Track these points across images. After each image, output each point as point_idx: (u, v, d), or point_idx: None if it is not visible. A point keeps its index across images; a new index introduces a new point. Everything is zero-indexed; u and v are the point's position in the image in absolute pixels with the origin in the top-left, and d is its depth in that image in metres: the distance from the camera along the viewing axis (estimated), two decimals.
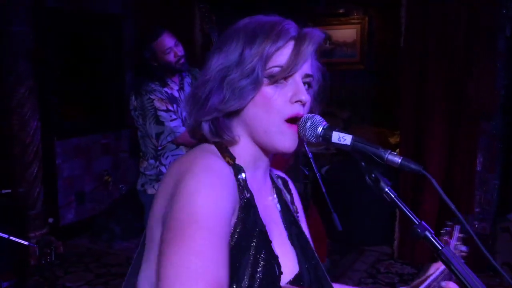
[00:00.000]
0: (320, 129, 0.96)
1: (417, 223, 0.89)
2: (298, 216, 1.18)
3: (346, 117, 5.86)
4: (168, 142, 2.86)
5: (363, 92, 5.97)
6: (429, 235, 0.88)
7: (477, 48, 3.69)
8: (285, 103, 0.97)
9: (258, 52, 0.95)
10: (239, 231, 0.92)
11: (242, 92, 0.95)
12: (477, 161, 3.84)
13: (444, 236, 1.34)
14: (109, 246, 4.62)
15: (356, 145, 0.92)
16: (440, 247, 0.88)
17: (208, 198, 0.84)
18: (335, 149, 4.99)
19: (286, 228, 1.09)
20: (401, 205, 0.89)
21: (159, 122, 2.82)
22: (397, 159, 0.88)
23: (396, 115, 4.39)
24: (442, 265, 1.27)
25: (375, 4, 5.73)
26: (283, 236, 1.07)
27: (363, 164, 0.92)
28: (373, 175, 0.91)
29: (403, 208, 0.89)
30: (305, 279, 1.05)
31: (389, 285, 3.78)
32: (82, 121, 5.05)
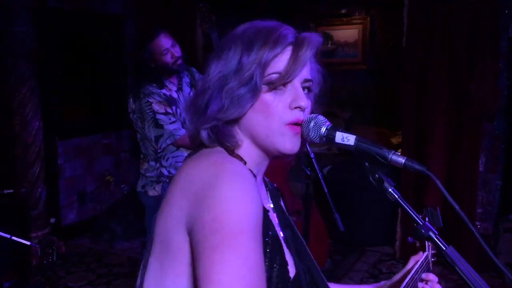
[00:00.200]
0: (323, 129, 0.96)
1: (421, 223, 0.89)
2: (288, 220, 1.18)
3: (348, 117, 5.85)
4: (168, 145, 2.83)
5: (365, 92, 5.96)
6: (433, 235, 0.88)
7: (480, 49, 3.68)
8: (285, 109, 0.96)
9: (256, 59, 0.94)
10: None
11: (241, 100, 0.95)
12: (480, 162, 3.83)
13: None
14: (111, 246, 4.63)
15: (360, 145, 0.92)
16: (444, 248, 0.88)
17: (247, 203, 0.83)
18: (337, 150, 4.99)
19: (282, 231, 1.09)
20: (405, 206, 0.89)
21: (158, 126, 2.79)
22: (401, 160, 0.88)
23: (398, 115, 4.38)
24: (421, 257, 1.29)
25: (377, 4, 5.72)
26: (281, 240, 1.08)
27: (366, 164, 0.92)
28: (376, 175, 0.91)
29: (407, 209, 0.89)
30: (302, 281, 1.06)
31: None
32: (84, 121, 5.05)
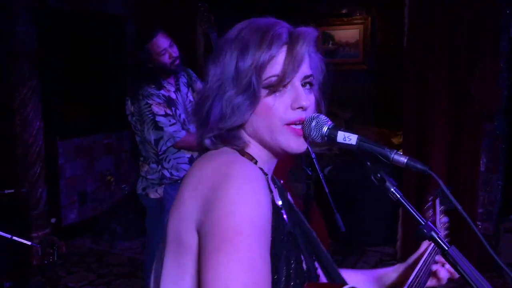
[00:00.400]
0: (325, 128, 0.95)
1: (423, 223, 0.89)
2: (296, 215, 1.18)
3: (348, 118, 5.84)
4: (168, 147, 2.79)
5: (366, 92, 5.96)
6: (435, 235, 0.88)
7: (480, 49, 3.67)
8: (286, 109, 0.96)
9: (252, 64, 0.93)
10: (274, 234, 0.92)
11: (241, 108, 0.95)
12: (481, 162, 3.83)
13: (427, 211, 1.37)
14: (111, 246, 4.62)
15: (362, 145, 0.92)
16: (446, 248, 0.87)
17: (250, 206, 0.83)
18: (338, 150, 4.98)
19: (291, 228, 1.09)
20: (407, 205, 0.89)
21: (158, 128, 2.74)
22: (403, 159, 0.88)
23: (399, 115, 4.38)
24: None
25: (378, 4, 5.72)
26: None
27: (368, 164, 0.92)
28: (379, 175, 0.90)
29: (409, 208, 0.89)
30: (313, 276, 1.07)
31: None
32: (84, 121, 5.05)
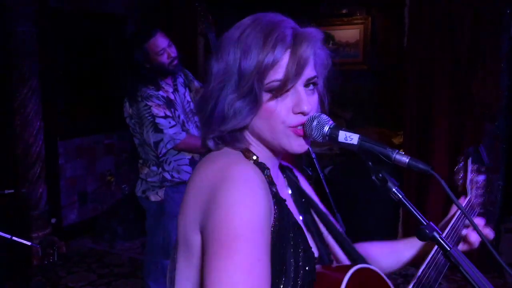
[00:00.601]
0: (326, 128, 0.95)
1: (425, 223, 0.88)
2: (309, 202, 1.20)
3: (349, 118, 5.84)
4: (168, 150, 2.73)
5: (366, 92, 5.95)
6: (437, 236, 0.87)
7: (481, 49, 3.67)
8: (288, 113, 0.96)
9: (255, 68, 0.92)
10: (279, 226, 0.94)
11: (242, 112, 0.95)
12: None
13: (458, 173, 1.37)
14: (111, 246, 4.62)
15: (363, 144, 0.91)
16: (448, 248, 0.87)
17: (248, 209, 0.84)
18: (338, 150, 4.98)
19: (301, 215, 1.13)
20: (408, 206, 0.88)
21: (157, 130, 2.69)
22: (405, 159, 0.87)
23: (399, 115, 4.37)
24: (463, 203, 1.35)
25: (378, 4, 5.72)
26: (301, 225, 1.11)
27: (370, 164, 0.91)
28: (380, 175, 0.90)
29: (411, 209, 0.88)
30: (325, 260, 1.09)
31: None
32: (85, 121, 5.04)
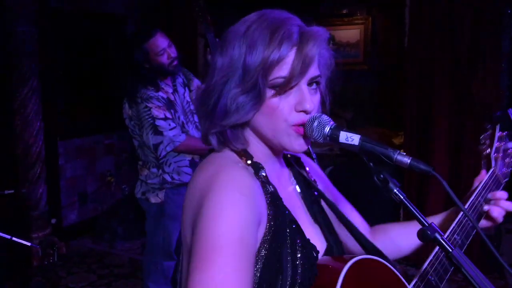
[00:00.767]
0: (327, 128, 0.95)
1: (426, 224, 0.88)
2: (317, 193, 1.18)
3: (349, 118, 5.84)
4: (168, 152, 2.71)
5: (367, 92, 5.95)
6: (438, 237, 0.87)
7: (481, 49, 3.67)
8: (290, 111, 0.96)
9: (260, 64, 0.92)
10: (274, 226, 0.94)
11: (245, 107, 0.95)
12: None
13: (484, 141, 1.36)
14: (111, 247, 4.62)
15: (364, 145, 0.91)
16: (450, 250, 0.86)
17: (226, 221, 0.85)
18: (338, 150, 4.97)
19: (308, 209, 1.12)
20: (410, 207, 0.88)
21: (157, 132, 2.66)
22: (407, 160, 0.87)
23: (400, 115, 4.37)
24: (484, 177, 1.33)
25: (378, 4, 5.71)
26: (308, 217, 1.11)
27: (371, 164, 0.91)
28: (381, 175, 0.89)
29: (413, 210, 0.88)
30: (334, 252, 1.09)
31: None
32: (85, 122, 5.04)
